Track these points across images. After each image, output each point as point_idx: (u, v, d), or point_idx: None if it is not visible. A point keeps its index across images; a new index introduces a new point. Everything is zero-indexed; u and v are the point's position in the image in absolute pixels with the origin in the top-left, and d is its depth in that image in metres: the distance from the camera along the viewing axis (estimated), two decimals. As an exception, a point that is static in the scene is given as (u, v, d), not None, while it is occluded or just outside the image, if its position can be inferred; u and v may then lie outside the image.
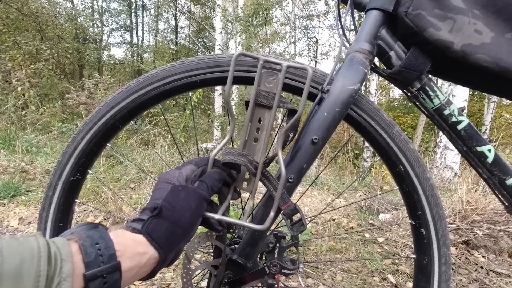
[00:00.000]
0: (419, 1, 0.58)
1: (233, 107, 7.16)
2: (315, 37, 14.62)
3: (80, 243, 0.35)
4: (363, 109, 0.63)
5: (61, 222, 0.71)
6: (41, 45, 7.54)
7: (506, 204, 0.64)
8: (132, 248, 0.40)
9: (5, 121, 4.10)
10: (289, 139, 0.57)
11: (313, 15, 12.90)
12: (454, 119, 0.62)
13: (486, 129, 7.60)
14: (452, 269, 1.52)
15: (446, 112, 0.62)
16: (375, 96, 7.65)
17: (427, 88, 0.62)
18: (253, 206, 0.64)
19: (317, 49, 14.88)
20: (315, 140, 0.57)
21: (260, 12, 6.38)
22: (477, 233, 1.77)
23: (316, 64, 14.44)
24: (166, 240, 0.43)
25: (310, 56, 15.09)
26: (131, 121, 0.70)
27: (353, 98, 0.58)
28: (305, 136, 0.58)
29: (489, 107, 7.72)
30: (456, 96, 4.11)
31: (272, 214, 0.55)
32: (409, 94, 0.65)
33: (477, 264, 1.56)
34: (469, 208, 1.93)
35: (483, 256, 1.64)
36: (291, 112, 0.58)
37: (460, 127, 0.62)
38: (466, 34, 0.57)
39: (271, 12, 6.68)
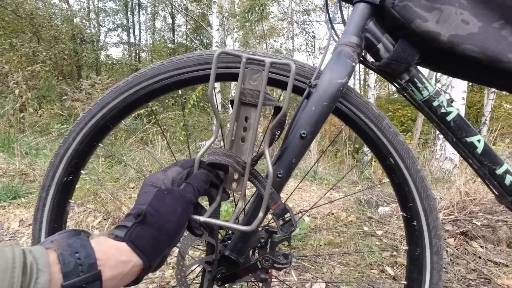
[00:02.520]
0: (405, -8, 0.57)
1: (219, 106, 7.17)
2: (312, 31, 14.54)
3: (59, 252, 0.34)
4: (352, 102, 0.63)
5: (56, 223, 0.71)
6: (38, 47, 7.53)
7: (497, 193, 0.65)
8: (114, 256, 0.39)
9: (4, 124, 4.10)
10: (276, 137, 0.57)
11: (310, 10, 12.81)
12: (443, 110, 0.62)
13: (486, 120, 7.58)
14: (451, 259, 1.53)
15: (435, 103, 0.62)
16: (374, 89, 7.64)
17: (415, 80, 0.62)
18: (244, 207, 0.65)
19: (314, 43, 14.80)
20: (303, 135, 0.57)
21: (256, 8, 6.35)
22: (475, 223, 1.77)
23: (314, 58, 14.37)
24: (151, 247, 0.42)
25: (308, 51, 15.03)
26: (122, 121, 0.71)
27: (341, 92, 0.58)
28: (293, 131, 0.58)
29: (489, 98, 7.69)
30: (455, 87, 4.10)
31: (261, 214, 0.55)
32: (398, 86, 0.65)
33: (475, 255, 1.57)
34: (468, 199, 1.94)
35: (481, 246, 1.64)
36: (276, 110, 0.57)
37: (449, 118, 0.62)
38: (453, 24, 0.56)
39: (267, 7, 6.64)
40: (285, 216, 0.58)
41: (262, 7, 6.35)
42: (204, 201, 0.57)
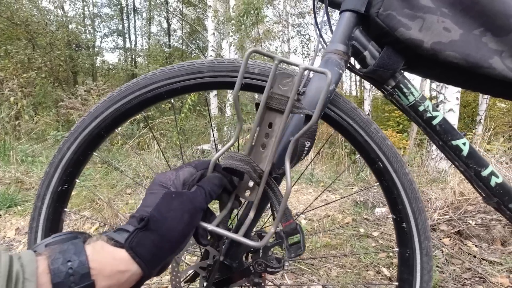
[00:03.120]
0: (389, 2, 0.59)
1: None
2: (308, 34, 14.63)
3: (50, 261, 0.32)
4: (340, 108, 0.65)
5: (51, 231, 0.72)
6: (33, 53, 7.51)
7: (483, 195, 0.66)
8: (111, 266, 0.36)
9: (-1, 132, 4.09)
10: (306, 148, 0.54)
11: (305, 12, 12.89)
12: (429, 114, 0.64)
13: (481, 119, 7.65)
14: (446, 259, 1.55)
15: (421, 108, 0.64)
16: (370, 90, 7.68)
17: (401, 85, 0.64)
18: (250, 217, 0.58)
19: (310, 46, 14.89)
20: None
21: (251, 12, 6.40)
22: (469, 223, 1.79)
23: (310, 61, 14.44)
24: (153, 256, 0.39)
25: (304, 54, 15.11)
26: (116, 130, 0.72)
27: (328, 98, 0.60)
28: (283, 138, 0.60)
29: (483, 97, 7.76)
30: (449, 88, 4.15)
31: (272, 230, 0.50)
32: (385, 91, 0.67)
33: (470, 254, 1.59)
34: (462, 199, 1.96)
35: (476, 246, 1.66)
36: (307, 119, 0.53)
37: (435, 122, 0.64)
38: (435, 32, 0.58)
39: (262, 11, 6.69)
40: (294, 236, 0.55)
41: (257, 10, 6.39)
42: (214, 205, 0.57)
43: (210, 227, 0.47)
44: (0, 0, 7.26)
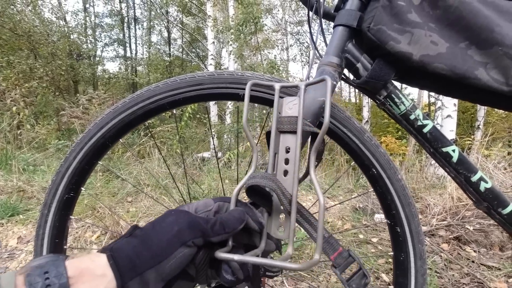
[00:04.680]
0: (379, 17, 0.63)
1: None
2: (306, 42, 14.82)
3: (26, 274, 0.31)
4: (335, 117, 0.68)
5: (57, 239, 0.74)
6: (35, 63, 7.60)
7: (474, 200, 0.69)
8: (89, 271, 0.34)
9: (1, 141, 4.12)
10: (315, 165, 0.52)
11: (304, 21, 13.08)
12: (419, 123, 0.67)
13: (479, 125, 7.69)
14: (445, 264, 1.56)
15: (412, 117, 0.67)
16: (369, 97, 7.74)
17: (393, 95, 0.67)
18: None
19: (309, 54, 15.06)
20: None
21: (250, 21, 6.50)
22: (468, 228, 1.81)
23: (308, 68, 14.56)
24: (129, 262, 0.36)
25: (303, 61, 15.29)
26: (120, 139, 0.75)
27: (323, 108, 0.63)
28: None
29: (481, 103, 7.80)
30: (446, 94, 4.20)
31: (316, 257, 0.40)
32: (377, 101, 0.70)
33: (468, 259, 1.60)
34: (460, 204, 1.98)
35: (474, 251, 1.68)
36: (314, 136, 0.53)
37: (425, 130, 0.67)
38: (423, 45, 0.62)
39: (261, 20, 6.79)
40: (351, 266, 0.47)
41: (256, 20, 6.51)
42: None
43: (237, 257, 0.40)
44: (3, 12, 7.37)
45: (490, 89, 0.61)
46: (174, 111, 0.78)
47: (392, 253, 0.71)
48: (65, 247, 0.77)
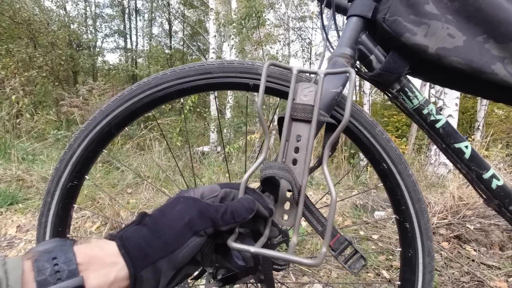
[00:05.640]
0: (395, 8, 0.61)
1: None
2: (308, 38, 14.74)
3: (34, 259, 0.30)
4: (346, 110, 0.67)
5: (60, 227, 0.73)
6: (34, 52, 7.53)
7: (485, 197, 0.68)
8: (99, 258, 0.33)
9: (0, 130, 4.09)
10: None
11: (306, 17, 13.00)
12: (432, 118, 0.66)
13: (479, 125, 7.70)
14: (445, 263, 1.56)
15: (425, 111, 0.66)
16: (369, 95, 7.73)
17: (406, 89, 0.66)
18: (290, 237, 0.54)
19: (311, 50, 14.99)
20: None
21: (253, 15, 6.44)
22: (468, 227, 1.81)
23: (310, 64, 14.53)
24: (140, 251, 0.35)
25: (304, 57, 15.22)
26: (126, 127, 0.73)
27: (336, 100, 0.62)
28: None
29: (482, 103, 7.82)
30: (448, 94, 4.18)
31: (324, 249, 0.43)
32: (390, 95, 0.68)
33: (469, 258, 1.60)
34: (461, 203, 1.98)
35: (474, 250, 1.68)
36: (329, 127, 0.51)
37: (438, 125, 0.66)
38: (440, 38, 0.60)
39: (263, 14, 6.73)
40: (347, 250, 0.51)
41: (258, 14, 6.44)
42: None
43: (253, 249, 0.40)
44: (2, -1, 7.29)
45: (507, 84, 0.59)
46: (182, 100, 0.76)
47: (400, 249, 0.70)
48: (67, 235, 0.76)
